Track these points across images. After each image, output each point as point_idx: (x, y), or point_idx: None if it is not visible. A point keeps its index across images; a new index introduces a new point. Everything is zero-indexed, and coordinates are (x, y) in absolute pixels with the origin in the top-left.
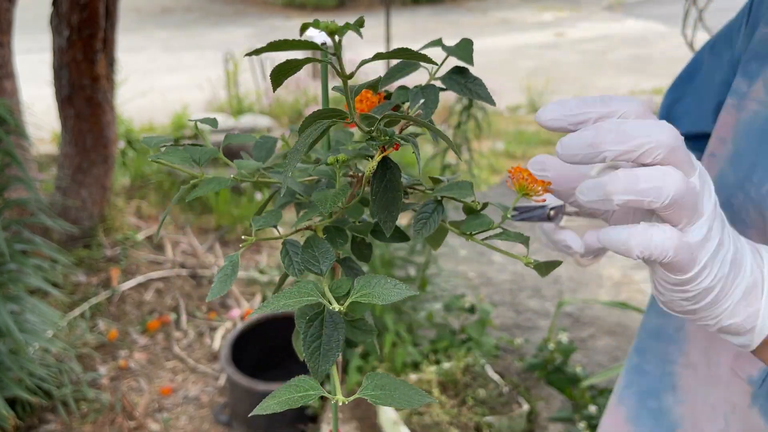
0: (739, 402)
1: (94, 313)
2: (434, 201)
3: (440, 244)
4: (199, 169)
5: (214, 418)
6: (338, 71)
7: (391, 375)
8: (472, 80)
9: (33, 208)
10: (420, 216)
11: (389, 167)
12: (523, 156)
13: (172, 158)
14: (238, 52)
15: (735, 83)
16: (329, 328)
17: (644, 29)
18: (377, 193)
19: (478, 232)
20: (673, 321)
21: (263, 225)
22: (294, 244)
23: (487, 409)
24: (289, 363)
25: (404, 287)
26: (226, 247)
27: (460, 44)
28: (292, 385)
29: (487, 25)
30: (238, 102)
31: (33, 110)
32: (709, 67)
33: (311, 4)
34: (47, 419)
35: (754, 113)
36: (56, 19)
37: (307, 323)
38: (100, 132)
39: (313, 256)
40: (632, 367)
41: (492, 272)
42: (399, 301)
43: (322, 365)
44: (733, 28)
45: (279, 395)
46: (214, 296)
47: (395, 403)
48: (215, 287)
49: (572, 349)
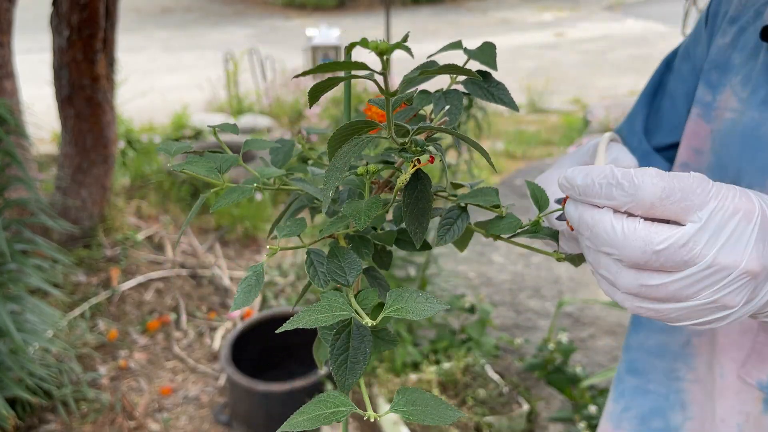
0: (752, 410)
1: (94, 313)
2: (458, 207)
3: (467, 246)
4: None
5: (214, 418)
6: (382, 89)
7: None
8: (495, 85)
9: (33, 208)
10: (444, 222)
11: (420, 178)
12: (523, 156)
13: (196, 168)
14: (238, 52)
15: (698, 93)
16: (356, 341)
17: (644, 29)
18: (409, 205)
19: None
20: (678, 337)
21: (289, 234)
22: (318, 254)
23: (487, 409)
24: (289, 363)
25: (436, 302)
26: (226, 247)
27: (482, 47)
28: (321, 401)
29: (487, 25)
30: (238, 102)
31: (33, 110)
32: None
33: (311, 4)
34: (47, 419)
35: (731, 121)
36: (56, 19)
37: (335, 336)
38: (100, 132)
39: (338, 266)
40: (630, 389)
41: (492, 272)
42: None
43: (350, 378)
44: (690, 42)
45: (308, 411)
46: (238, 308)
47: (428, 420)
48: (239, 298)
49: (572, 349)
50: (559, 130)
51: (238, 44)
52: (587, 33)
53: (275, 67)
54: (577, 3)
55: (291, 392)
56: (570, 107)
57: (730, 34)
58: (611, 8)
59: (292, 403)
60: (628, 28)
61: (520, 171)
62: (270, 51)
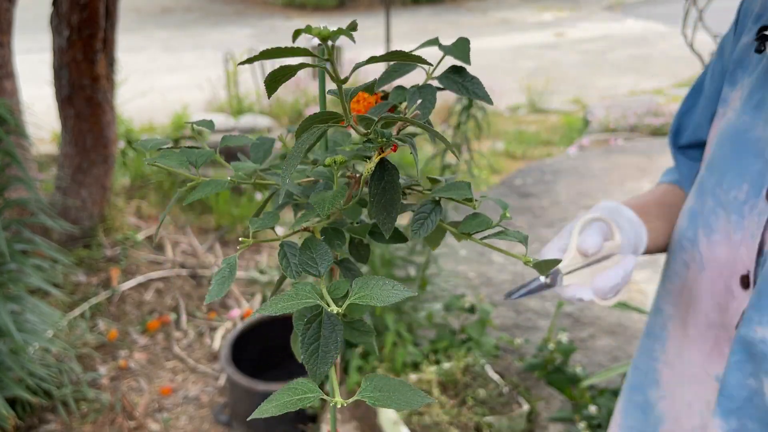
0: (712, 399)
1: (94, 313)
2: (432, 201)
3: (438, 244)
4: (196, 171)
5: (214, 418)
6: (332, 76)
7: (390, 376)
8: (470, 79)
9: (33, 208)
10: (418, 216)
11: (387, 168)
12: (523, 156)
13: (169, 161)
14: (238, 52)
15: (723, 92)
16: (327, 330)
17: (644, 29)
18: (375, 195)
19: (477, 232)
20: (660, 319)
21: (261, 226)
22: (292, 246)
23: (487, 409)
24: (289, 363)
25: (402, 288)
26: (226, 247)
27: (456, 43)
28: (290, 388)
29: (487, 25)
30: (238, 102)
31: (33, 110)
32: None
33: (311, 4)
34: (47, 419)
35: (728, 121)
36: (56, 19)
37: (305, 325)
38: (100, 132)
39: (311, 257)
40: (632, 366)
41: (492, 272)
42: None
43: (321, 367)
44: (723, 40)
45: (277, 399)
46: (212, 299)
47: (394, 405)
48: (213, 289)
49: (572, 349)
50: (559, 130)
51: (238, 44)
52: (587, 33)
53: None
54: (577, 3)
55: None
56: (570, 107)
57: (753, 32)
58: (611, 8)
59: None
60: (628, 28)
61: (520, 171)
62: None
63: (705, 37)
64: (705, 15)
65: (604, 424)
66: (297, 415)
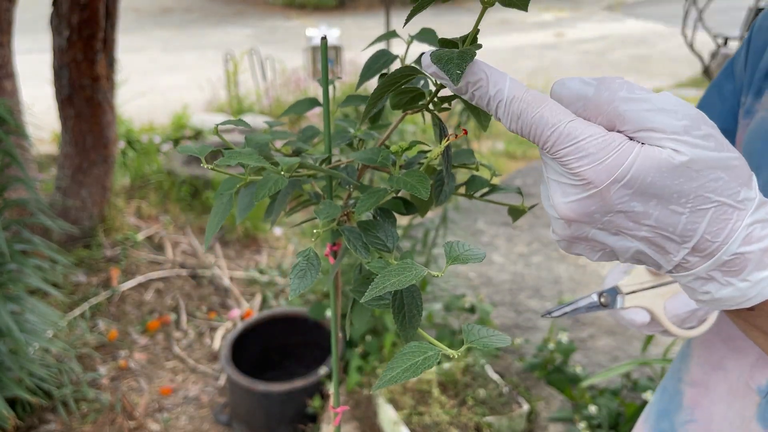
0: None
1: (94, 313)
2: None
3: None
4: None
5: (214, 418)
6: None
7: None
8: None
9: (33, 208)
10: (436, 185)
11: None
12: (523, 156)
13: (243, 159)
14: (238, 52)
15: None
16: (408, 298)
17: (644, 29)
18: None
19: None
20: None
21: (327, 216)
22: (352, 231)
23: (487, 409)
24: (289, 363)
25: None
26: (226, 247)
27: (422, 31)
28: (407, 353)
29: (487, 25)
30: (238, 102)
31: (33, 110)
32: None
33: (311, 5)
34: (47, 419)
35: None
36: (56, 19)
37: (393, 297)
38: (100, 132)
39: (376, 237)
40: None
41: (492, 272)
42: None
43: (410, 330)
44: (733, 63)
45: (399, 364)
46: (295, 294)
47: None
48: (295, 284)
49: (572, 349)
50: None
51: (238, 44)
52: (587, 33)
53: (275, 67)
54: (577, 3)
55: (291, 392)
56: None
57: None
58: (611, 8)
59: (292, 403)
60: (628, 28)
61: (520, 171)
62: (270, 51)
63: (705, 37)
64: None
65: (604, 424)
66: (297, 415)
